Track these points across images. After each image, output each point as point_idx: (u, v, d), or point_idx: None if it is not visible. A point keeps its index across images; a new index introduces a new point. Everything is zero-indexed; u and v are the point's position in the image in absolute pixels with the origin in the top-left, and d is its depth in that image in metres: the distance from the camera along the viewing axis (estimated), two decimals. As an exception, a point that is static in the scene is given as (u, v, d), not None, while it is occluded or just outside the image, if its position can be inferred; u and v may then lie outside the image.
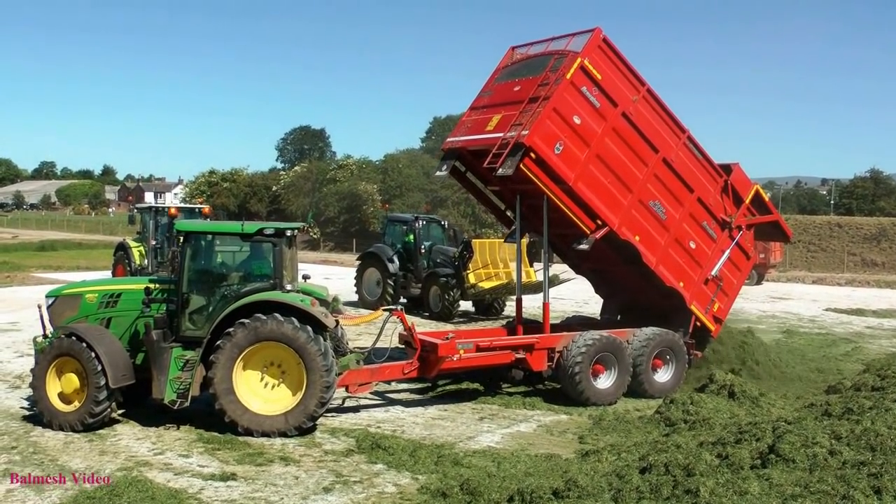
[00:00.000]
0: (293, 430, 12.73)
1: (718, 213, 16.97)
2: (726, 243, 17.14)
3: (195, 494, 10.24)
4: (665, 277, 16.38)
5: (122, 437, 12.65)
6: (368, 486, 10.76)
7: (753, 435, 10.38)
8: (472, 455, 12.20)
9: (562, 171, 15.04)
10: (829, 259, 60.40)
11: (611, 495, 9.02)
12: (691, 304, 16.76)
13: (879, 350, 23.39)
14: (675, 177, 16.28)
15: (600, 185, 15.52)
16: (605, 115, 15.40)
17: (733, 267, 17.53)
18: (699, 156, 16.81)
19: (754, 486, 8.42)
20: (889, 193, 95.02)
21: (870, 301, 39.26)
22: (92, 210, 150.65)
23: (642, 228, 16.05)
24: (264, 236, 13.33)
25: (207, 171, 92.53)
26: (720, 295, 17.31)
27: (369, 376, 14.60)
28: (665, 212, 16.23)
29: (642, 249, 16.00)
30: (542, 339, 16.25)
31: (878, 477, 8.13)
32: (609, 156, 15.56)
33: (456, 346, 15.13)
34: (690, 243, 16.67)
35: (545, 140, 14.79)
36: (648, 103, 16.12)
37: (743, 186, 17.45)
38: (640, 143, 15.83)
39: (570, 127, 15.04)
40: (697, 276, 16.82)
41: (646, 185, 15.98)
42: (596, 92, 15.24)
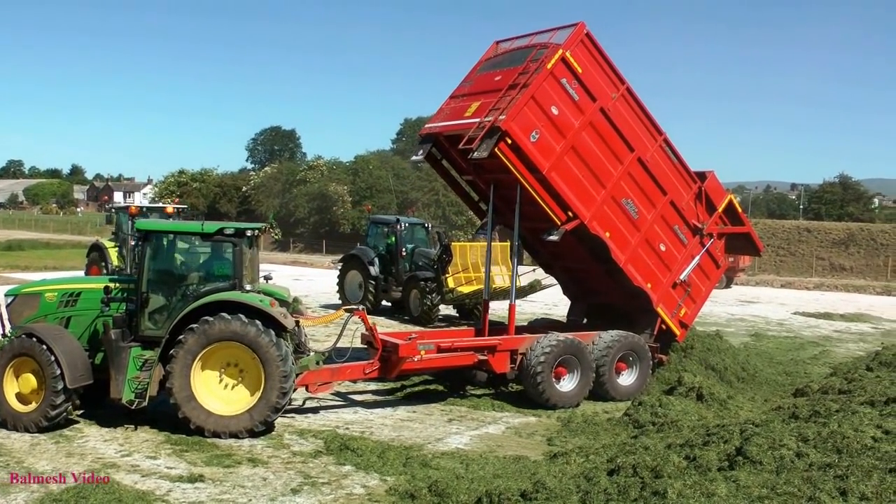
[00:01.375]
0: (259, 426, 12.64)
1: (690, 219, 17.03)
2: (697, 249, 17.17)
3: (162, 496, 10.13)
4: (633, 277, 16.38)
5: (89, 439, 12.51)
6: (336, 487, 10.71)
7: (721, 437, 10.41)
8: (440, 457, 12.18)
9: (536, 159, 15.05)
10: (797, 263, 60.89)
11: (579, 497, 9.02)
12: (658, 306, 16.77)
13: (846, 354, 23.62)
14: (649, 177, 16.34)
15: (574, 177, 15.55)
16: (584, 109, 15.43)
17: (702, 274, 17.57)
18: (674, 160, 16.90)
19: (721, 487, 8.43)
20: (857, 199, 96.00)
21: (837, 305, 39.64)
22: (60, 210, 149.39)
23: (613, 225, 16.07)
24: (224, 236, 13.27)
25: (177, 172, 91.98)
26: (688, 300, 17.35)
27: (330, 376, 14.51)
28: (637, 211, 16.28)
29: (612, 246, 16.01)
30: (505, 340, 16.20)
31: (844, 479, 8.16)
32: (585, 149, 15.61)
33: (417, 347, 15.08)
34: (661, 245, 16.71)
35: (522, 127, 14.82)
36: (627, 102, 16.19)
37: (717, 194, 17.57)
38: (617, 141, 15.88)
39: (547, 116, 15.08)
40: (666, 279, 16.85)
41: (619, 182, 16.02)
42: (575, 85, 15.30)
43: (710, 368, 17.90)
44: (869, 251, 60.06)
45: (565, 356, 15.79)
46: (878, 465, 8.45)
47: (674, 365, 17.60)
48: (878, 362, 18.56)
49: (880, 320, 34.05)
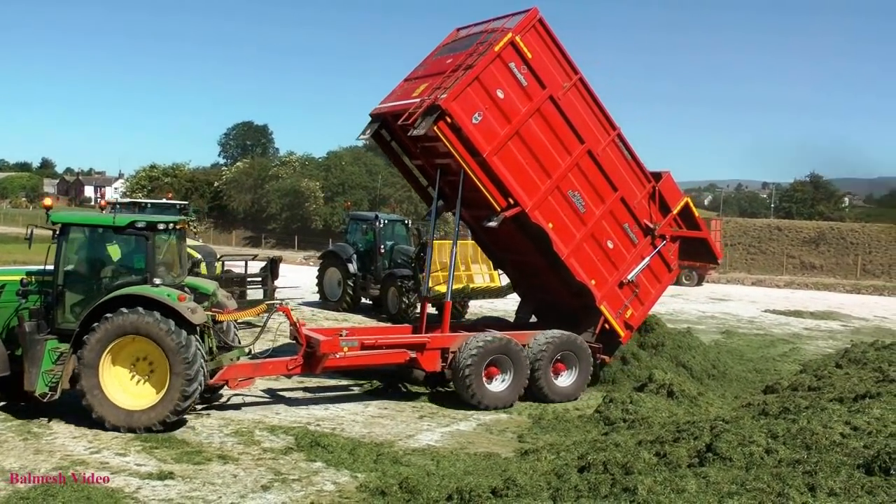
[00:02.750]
0: (157, 426, 12.53)
1: (642, 218, 16.70)
2: (647, 250, 16.85)
3: (132, 494, 10.04)
4: (576, 271, 16.03)
5: (58, 436, 12.37)
6: (307, 484, 10.67)
7: (691, 434, 10.46)
8: (411, 453, 12.17)
9: (477, 141, 14.78)
10: (768, 261, 61.30)
11: (549, 494, 9.01)
12: (601, 304, 16.36)
13: (816, 351, 23.82)
14: (599, 172, 16.05)
15: (518, 164, 15.27)
16: (532, 96, 15.19)
17: (652, 276, 17.20)
18: (628, 156, 16.61)
19: (692, 483, 8.46)
20: (828, 198, 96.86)
21: (808, 303, 39.98)
22: (30, 203, 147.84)
23: (557, 217, 15.75)
24: (136, 229, 13.21)
25: (148, 166, 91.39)
26: (635, 302, 16.93)
27: (251, 371, 14.37)
28: (584, 205, 15.97)
29: (554, 238, 15.67)
30: (434, 338, 15.85)
31: (812, 475, 8.21)
32: (531, 137, 15.33)
33: (339, 344, 14.80)
34: (608, 242, 16.38)
35: (464, 107, 14.57)
36: (580, 93, 15.88)
37: (672, 196, 17.21)
38: (566, 131, 15.60)
39: (492, 99, 14.84)
40: (612, 277, 16.49)
41: (567, 173, 15.72)
42: (525, 70, 15.07)
43: (681, 366, 17.99)
44: (839, 250, 60.60)
45: (497, 356, 15.38)
46: (847, 460, 8.50)
47: (645, 362, 17.65)
48: (847, 359, 18.70)
49: (849, 318, 34.37)
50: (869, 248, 59.94)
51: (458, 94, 14.50)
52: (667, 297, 39.35)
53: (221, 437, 12.64)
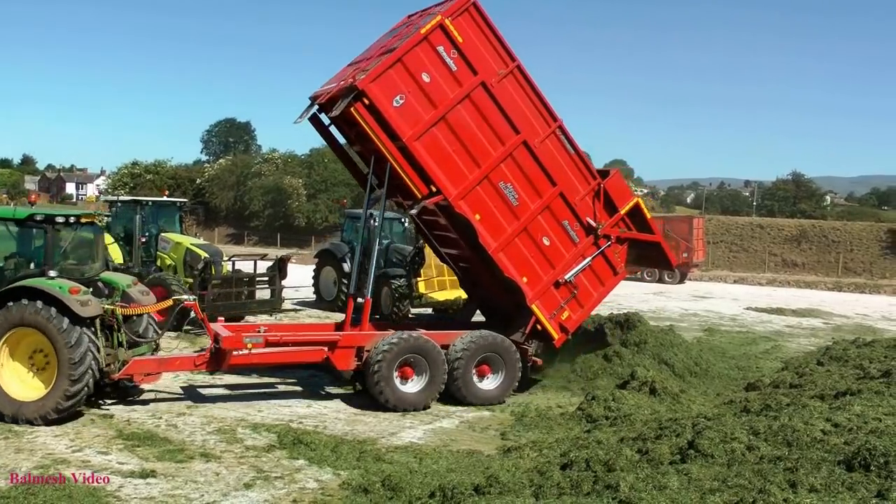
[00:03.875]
0: (39, 420, 12.56)
1: (584, 216, 15.90)
2: (590, 250, 16.02)
3: (114, 492, 9.96)
4: (504, 267, 15.33)
5: (39, 434, 12.28)
6: (290, 481, 10.64)
7: (673, 431, 10.51)
8: (394, 451, 12.15)
9: (398, 125, 14.31)
10: (750, 259, 61.59)
11: (532, 491, 9.03)
12: (533, 303, 15.54)
13: (798, 348, 23.90)
14: (536, 165, 15.37)
15: (443, 151, 14.74)
16: (462, 81, 14.70)
17: (595, 278, 16.26)
18: (571, 150, 15.88)
19: (673, 480, 8.49)
20: (810, 196, 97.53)
21: (789, 300, 40.15)
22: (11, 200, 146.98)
23: (486, 209, 15.11)
24: (35, 222, 13.35)
25: (130, 163, 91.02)
26: (573, 304, 16.01)
27: (156, 367, 14.31)
28: (518, 198, 15.28)
29: (481, 230, 15.03)
30: (346, 336, 15.35)
31: (793, 471, 8.26)
32: (460, 124, 14.78)
33: (242, 340, 14.47)
34: (544, 239, 15.62)
35: (384, 89, 14.15)
36: (518, 81, 15.31)
37: (619, 195, 16.40)
38: (500, 120, 15.02)
39: (416, 83, 14.39)
40: (547, 276, 15.69)
41: (499, 164, 15.08)
42: (455, 55, 14.60)
43: (663, 363, 17.97)
44: (820, 248, 60.97)
45: (410, 355, 14.80)
46: (827, 457, 8.56)
47: (627, 360, 17.63)
48: (828, 357, 18.84)
49: (831, 316, 34.54)
50: (850, 246, 60.31)
51: (377, 75, 14.09)
52: (649, 294, 39.92)
53: (204, 435, 12.60)
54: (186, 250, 22.95)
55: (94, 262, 14.61)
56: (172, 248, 23.33)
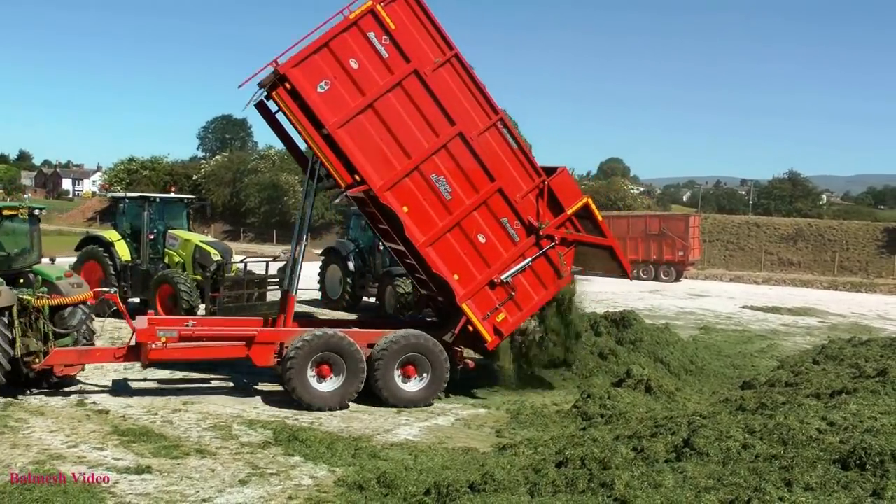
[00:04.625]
0: None
1: (526, 215, 15.13)
2: (531, 251, 15.22)
3: (109, 488, 9.97)
4: (433, 262, 14.72)
5: (35, 430, 12.33)
6: (285, 478, 10.64)
7: (669, 429, 10.51)
8: (389, 448, 12.16)
9: (321, 112, 13.97)
10: (746, 258, 61.59)
11: (527, 489, 9.03)
12: (464, 302, 14.81)
13: (794, 347, 23.92)
14: (473, 158, 14.76)
15: (370, 141, 14.27)
16: (393, 69, 14.28)
17: (536, 280, 15.39)
18: (513, 145, 15.23)
19: (669, 478, 8.49)
20: (806, 195, 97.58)
21: (785, 299, 40.19)
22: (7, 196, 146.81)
23: (416, 201, 14.55)
24: None
25: (127, 159, 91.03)
26: (510, 305, 15.18)
27: (77, 358, 14.40)
28: (451, 192, 14.67)
29: (408, 223, 14.48)
30: (263, 332, 15.05)
31: (789, 470, 8.26)
32: (389, 112, 14.31)
33: (156, 333, 14.31)
34: (479, 236, 14.90)
35: (307, 74, 13.86)
36: (456, 71, 14.81)
37: (566, 194, 15.51)
38: (434, 110, 14.51)
39: (343, 69, 14.04)
40: (482, 275, 14.94)
41: (431, 156, 14.53)
42: (386, 41, 14.21)
43: (659, 361, 18.04)
44: (817, 246, 60.97)
45: (325, 353, 14.36)
46: (823, 456, 8.56)
47: (622, 358, 17.66)
48: (824, 356, 18.87)
49: (827, 314, 34.58)
50: (846, 245, 60.34)
51: (300, 60, 13.83)
52: (645, 292, 39.93)
53: (199, 432, 12.60)
54: (196, 247, 22.77)
55: (28, 253, 14.82)
56: (181, 245, 23.12)
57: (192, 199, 26.57)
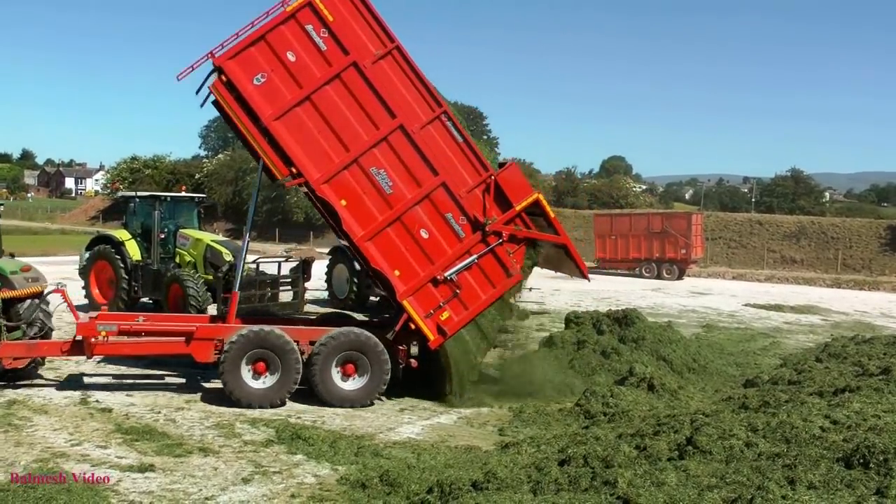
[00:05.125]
0: None
1: (471, 211, 14.66)
2: (477, 248, 14.71)
3: (112, 486, 9.98)
4: (371, 257, 14.47)
5: (39, 428, 12.35)
6: (288, 476, 10.63)
7: (672, 427, 10.50)
8: (392, 446, 12.15)
9: (257, 104, 13.97)
10: (749, 255, 61.61)
11: (529, 487, 9.02)
12: (404, 299, 14.45)
13: (796, 345, 23.89)
14: (415, 151, 14.46)
15: (307, 133, 14.19)
16: (332, 61, 14.15)
17: (484, 279, 14.83)
18: (459, 139, 14.87)
19: (671, 477, 8.49)
20: (808, 193, 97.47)
21: (788, 297, 40.14)
22: (10, 195, 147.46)
23: (354, 195, 14.36)
24: None
25: (129, 158, 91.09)
26: (455, 304, 14.67)
27: (25, 351, 14.44)
28: (392, 186, 14.40)
29: (346, 217, 14.31)
30: (201, 328, 14.86)
31: (792, 468, 8.25)
32: (327, 105, 14.20)
33: (96, 328, 14.37)
34: (422, 231, 14.54)
35: (244, 67, 13.92)
36: (397, 64, 14.59)
37: (515, 189, 14.91)
38: (374, 103, 14.31)
39: (280, 62, 14.03)
40: (425, 271, 14.55)
41: (371, 149, 14.33)
42: (324, 34, 14.10)
43: (662, 359, 17.99)
44: (819, 244, 60.98)
45: (258, 350, 14.16)
46: (826, 454, 8.56)
47: (625, 356, 17.64)
48: (827, 354, 18.85)
49: (830, 312, 34.54)
50: (849, 243, 60.33)
51: (236, 52, 13.88)
52: (648, 290, 39.95)
53: (202, 430, 12.61)
54: (207, 247, 22.59)
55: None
56: (192, 245, 22.96)
57: (202, 198, 26.35)
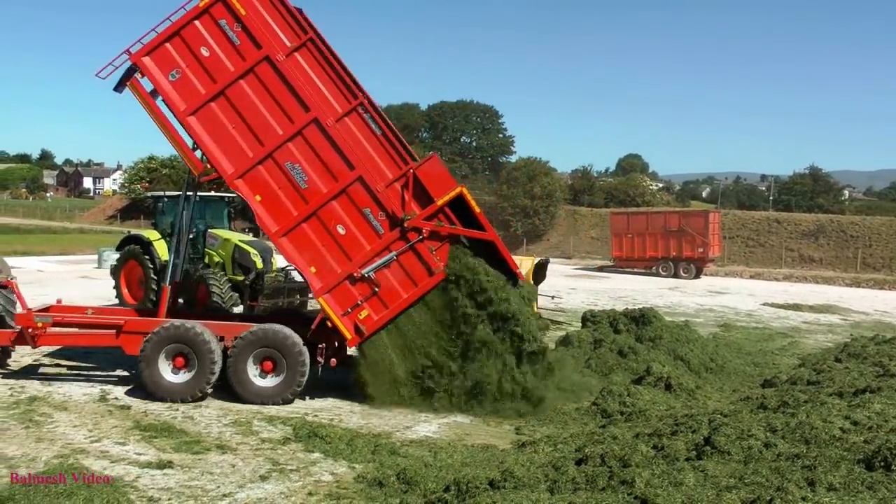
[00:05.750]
0: None
1: (390, 206, 14.26)
2: (397, 245, 14.28)
3: (131, 482, 10.04)
4: (286, 253, 14.32)
5: (59, 424, 12.45)
6: (305, 474, 10.66)
7: (689, 427, 10.46)
8: (408, 445, 12.16)
9: (171, 100, 14.03)
10: (766, 254, 61.35)
11: (546, 486, 9.01)
12: (320, 296, 14.19)
13: (815, 345, 23.76)
14: (330, 145, 14.21)
15: (221, 127, 14.13)
16: (245, 55, 14.13)
17: (405, 277, 14.34)
18: (377, 131, 14.53)
19: (689, 477, 8.45)
20: (827, 190, 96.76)
21: (807, 296, 39.95)
22: (30, 194, 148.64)
23: (269, 190, 14.24)
24: None
25: (147, 157, 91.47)
26: (374, 302, 14.26)
27: None
28: (307, 181, 14.20)
29: (259, 212, 14.18)
30: (130, 322, 15.01)
31: (811, 469, 8.20)
32: (241, 100, 14.16)
33: (33, 319, 14.69)
34: (339, 227, 14.24)
35: (159, 63, 14.00)
36: (313, 56, 14.43)
37: (436, 183, 14.37)
38: (287, 97, 14.20)
39: (195, 57, 14.06)
40: (342, 268, 14.24)
41: (285, 143, 14.18)
42: (238, 28, 14.08)
43: (679, 359, 17.92)
44: (839, 243, 60.64)
45: (175, 344, 14.11)
46: (846, 455, 8.51)
47: (642, 355, 17.58)
48: (846, 354, 18.74)
49: (849, 312, 34.36)
50: (869, 242, 59.97)
51: (151, 48, 13.95)
52: (664, 289, 39.87)
53: (220, 427, 12.64)
54: (235, 247, 22.54)
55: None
56: (220, 245, 22.90)
57: (232, 197, 25.96)
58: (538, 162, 77.08)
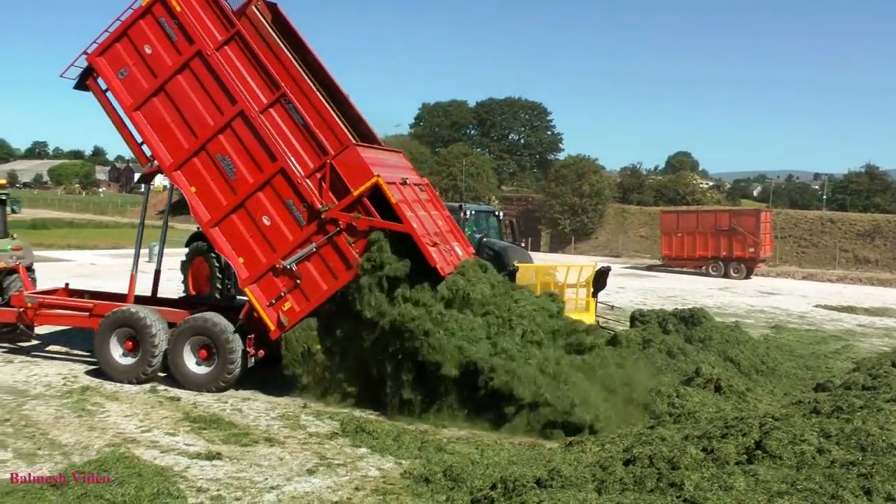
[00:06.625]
0: None
1: (309, 197, 14.10)
2: (317, 237, 14.12)
3: (181, 472, 10.20)
4: (216, 243, 14.57)
5: (111, 414, 12.70)
6: (352, 469, 10.72)
7: (740, 430, 10.30)
8: (455, 442, 12.16)
9: (119, 96, 14.83)
10: (820, 255, 60.49)
11: (594, 486, 8.94)
12: (246, 286, 14.30)
13: (871, 349, 23.34)
14: (254, 137, 14.30)
15: (162, 121, 14.64)
16: (181, 51, 14.56)
17: (326, 269, 14.13)
18: (299, 122, 14.50)
19: (740, 481, 8.34)
20: (885, 189, 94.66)
21: (861, 299, 39.25)
22: (83, 190, 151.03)
23: (202, 181, 14.48)
24: None
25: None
26: (297, 294, 14.20)
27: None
28: (236, 172, 14.34)
29: (193, 203, 14.49)
30: (98, 305, 15.78)
31: (868, 478, 8.05)
32: (178, 94, 14.59)
33: (24, 299, 16.18)
34: (264, 218, 14.27)
35: (111, 62, 14.84)
36: (240, 49, 14.67)
37: (352, 174, 14.03)
38: (217, 90, 14.46)
39: (139, 55, 14.72)
40: (267, 259, 14.27)
41: (217, 135, 14.40)
42: (174, 25, 14.56)
43: (729, 360, 17.70)
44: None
45: (123, 329, 14.79)
46: (905, 464, 8.33)
47: (692, 356, 17.38)
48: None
49: (905, 315, 33.70)
50: (928, 243, 58.84)
51: (103, 48, 14.74)
52: (715, 290, 39.48)
53: (268, 420, 12.76)
54: None
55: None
56: None
57: None
58: (587, 160, 76.80)
